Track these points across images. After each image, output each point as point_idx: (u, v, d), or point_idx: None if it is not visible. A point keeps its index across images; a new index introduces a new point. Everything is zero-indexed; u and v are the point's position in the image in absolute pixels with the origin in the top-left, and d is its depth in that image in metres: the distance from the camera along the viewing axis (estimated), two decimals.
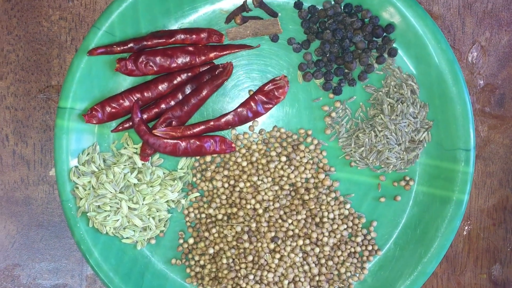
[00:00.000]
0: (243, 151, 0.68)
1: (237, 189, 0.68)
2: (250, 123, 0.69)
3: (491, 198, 0.71)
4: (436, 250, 0.67)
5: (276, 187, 0.68)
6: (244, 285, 0.67)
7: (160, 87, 0.66)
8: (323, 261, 0.68)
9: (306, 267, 0.68)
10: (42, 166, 0.70)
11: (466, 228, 0.72)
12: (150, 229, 0.67)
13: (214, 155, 0.68)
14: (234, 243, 0.67)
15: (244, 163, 0.68)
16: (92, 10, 0.69)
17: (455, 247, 0.72)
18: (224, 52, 0.67)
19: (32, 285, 0.71)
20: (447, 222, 0.67)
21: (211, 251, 0.68)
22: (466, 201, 0.66)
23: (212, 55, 0.67)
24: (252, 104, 0.67)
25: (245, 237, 0.67)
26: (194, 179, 0.69)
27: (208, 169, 0.68)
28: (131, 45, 0.65)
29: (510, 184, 0.71)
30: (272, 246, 0.67)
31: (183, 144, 0.66)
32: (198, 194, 0.69)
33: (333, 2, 0.66)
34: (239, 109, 0.67)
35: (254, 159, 0.68)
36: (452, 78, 0.65)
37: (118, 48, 0.65)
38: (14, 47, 0.69)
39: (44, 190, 0.70)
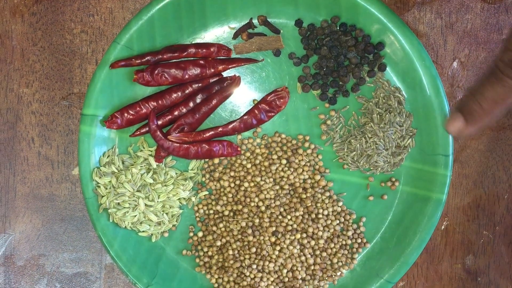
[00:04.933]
0: (248, 154, 0.74)
1: (242, 188, 0.74)
2: (254, 129, 0.74)
3: (466, 197, 0.77)
4: (417, 243, 0.72)
5: (277, 187, 0.74)
6: (248, 273, 0.73)
7: (173, 96, 0.72)
8: (317, 252, 0.74)
9: (303, 258, 0.74)
10: (65, 166, 0.76)
11: (444, 223, 0.77)
12: (164, 223, 0.73)
13: (222, 158, 0.74)
14: (239, 236, 0.73)
15: (249, 165, 0.74)
16: (111, 24, 0.74)
17: (433, 240, 0.77)
18: (232, 65, 0.72)
19: (55, 273, 0.76)
20: (427, 218, 0.72)
21: (218, 243, 0.74)
22: (444, 200, 0.72)
23: (220, 67, 0.72)
24: (256, 112, 0.73)
25: (249, 231, 0.73)
26: (204, 179, 0.74)
27: (216, 170, 0.74)
28: (148, 58, 0.70)
29: (483, 185, 0.77)
30: (273, 239, 0.73)
31: (194, 148, 0.71)
32: (207, 192, 0.74)
33: (330, 22, 0.72)
34: (244, 117, 0.73)
35: (257, 161, 0.74)
36: (434, 92, 0.71)
37: (137, 61, 0.70)
38: (39, 57, 0.74)
39: (67, 188, 0.76)
